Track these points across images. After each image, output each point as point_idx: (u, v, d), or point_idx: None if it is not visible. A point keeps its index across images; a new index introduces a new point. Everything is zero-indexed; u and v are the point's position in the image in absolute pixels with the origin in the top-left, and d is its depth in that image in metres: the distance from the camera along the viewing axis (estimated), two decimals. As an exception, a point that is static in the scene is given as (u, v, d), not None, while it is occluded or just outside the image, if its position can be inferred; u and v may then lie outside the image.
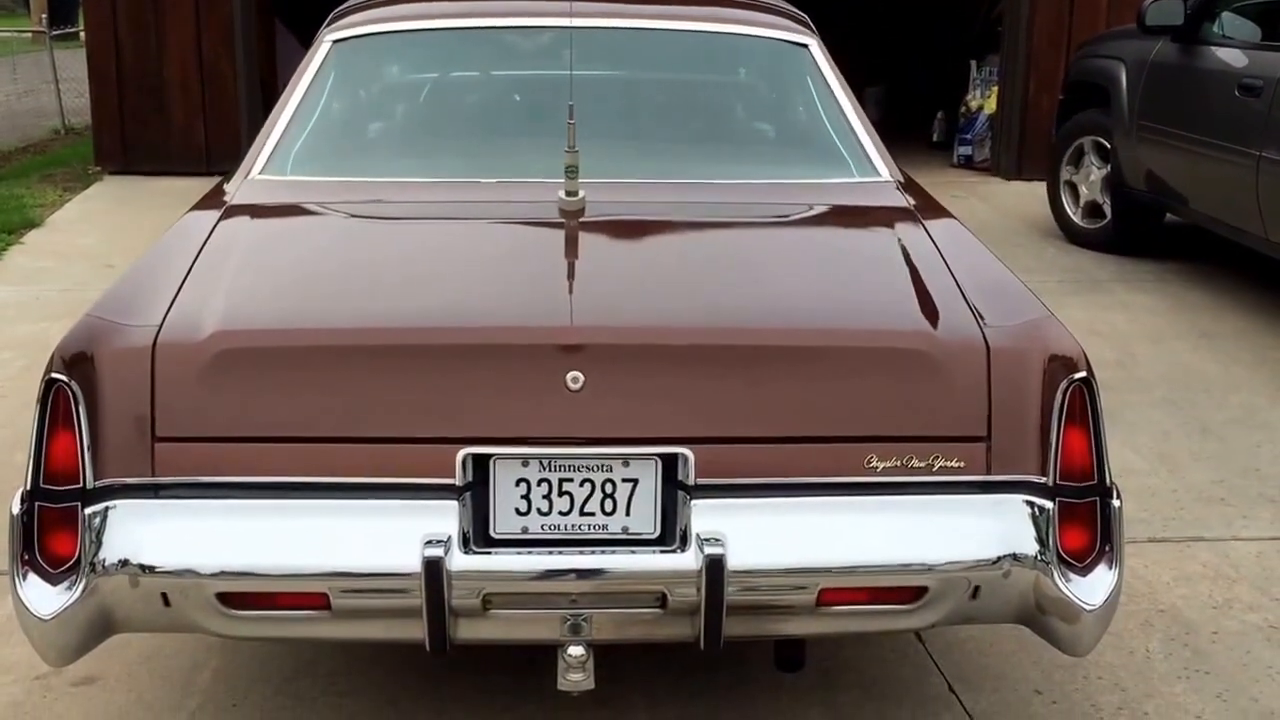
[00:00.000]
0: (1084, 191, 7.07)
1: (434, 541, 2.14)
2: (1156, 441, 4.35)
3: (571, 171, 2.58)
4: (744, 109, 3.71)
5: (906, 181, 3.21)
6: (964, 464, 2.25)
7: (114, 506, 2.20)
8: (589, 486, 2.22)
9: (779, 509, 2.23)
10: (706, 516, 2.20)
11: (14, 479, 2.34)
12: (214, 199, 3.02)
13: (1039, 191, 7.66)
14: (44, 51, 12.35)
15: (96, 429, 2.20)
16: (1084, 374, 2.30)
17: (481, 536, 2.21)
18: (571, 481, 2.22)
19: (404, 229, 2.98)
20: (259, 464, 2.22)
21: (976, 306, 2.42)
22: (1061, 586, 2.24)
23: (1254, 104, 5.55)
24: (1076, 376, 2.29)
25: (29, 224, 7.33)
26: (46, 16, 14.26)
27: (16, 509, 2.22)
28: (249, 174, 3.09)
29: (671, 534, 2.21)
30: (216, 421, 2.23)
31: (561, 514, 2.22)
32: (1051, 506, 2.25)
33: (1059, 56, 8.79)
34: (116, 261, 6.07)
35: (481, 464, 2.20)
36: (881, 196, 3.08)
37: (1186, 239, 6.92)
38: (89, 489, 2.20)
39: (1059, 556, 2.25)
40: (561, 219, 2.65)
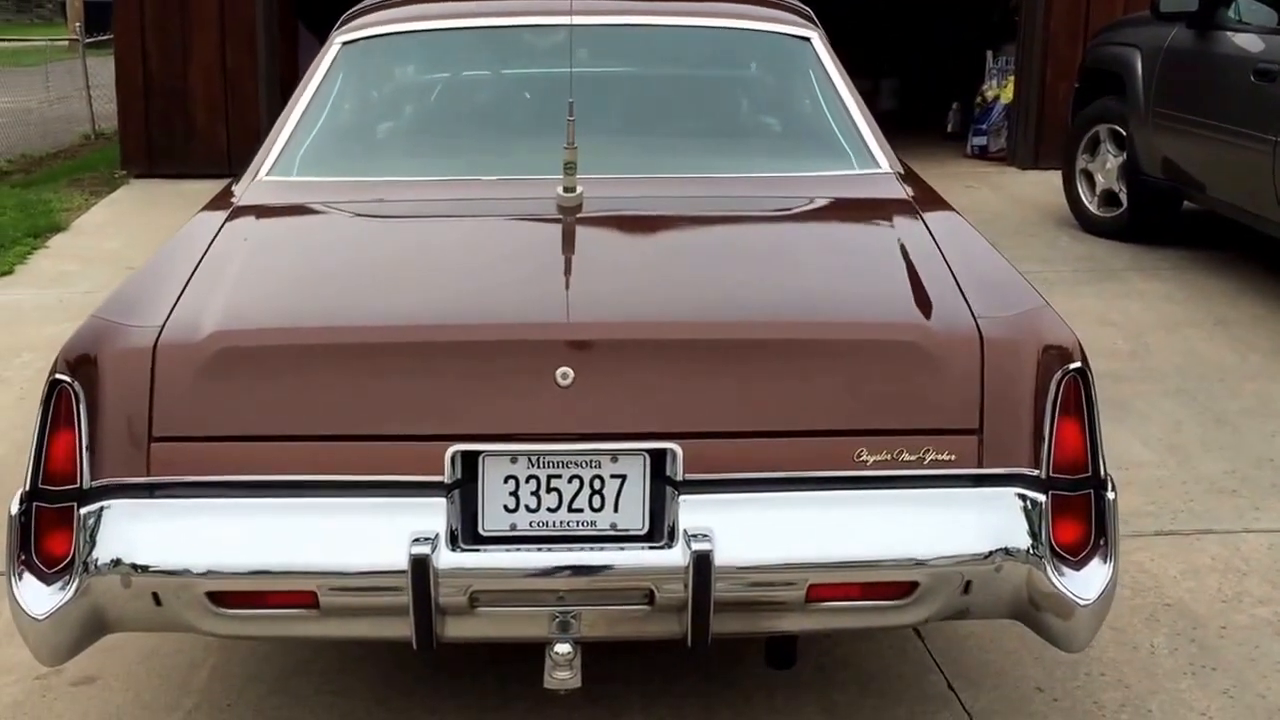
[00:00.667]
0: (1100, 180, 6.99)
1: (421, 539, 2.14)
2: (1168, 432, 4.29)
3: (570, 168, 2.58)
4: (747, 104, 3.71)
5: (906, 173, 3.19)
6: (955, 457, 2.23)
7: (108, 506, 2.21)
8: (577, 483, 2.20)
9: (768, 504, 2.21)
10: (694, 512, 2.18)
11: (26, 480, 2.34)
12: (222, 200, 3.05)
13: (1054, 181, 7.57)
14: (78, 59, 12.48)
15: (95, 429, 2.22)
16: (1079, 364, 2.27)
17: (470, 534, 2.20)
18: (560, 478, 2.21)
19: (402, 228, 2.99)
20: (249, 463, 2.22)
21: (970, 297, 2.39)
22: (1055, 581, 2.21)
23: (1270, 89, 5.48)
24: (1071, 367, 2.26)
25: (55, 228, 7.41)
26: (81, 25, 14.36)
27: (15, 510, 2.23)
28: (257, 175, 3.11)
29: (660, 530, 2.20)
30: (210, 421, 2.23)
31: (550, 511, 2.21)
32: (1044, 499, 2.22)
33: (1076, 45, 8.71)
34: (138, 264, 6.02)
35: (470, 461, 2.20)
36: (880, 188, 3.06)
37: (1204, 227, 6.83)
38: (85, 489, 2.21)
39: (1052, 550, 2.22)
40: (558, 215, 2.64)
